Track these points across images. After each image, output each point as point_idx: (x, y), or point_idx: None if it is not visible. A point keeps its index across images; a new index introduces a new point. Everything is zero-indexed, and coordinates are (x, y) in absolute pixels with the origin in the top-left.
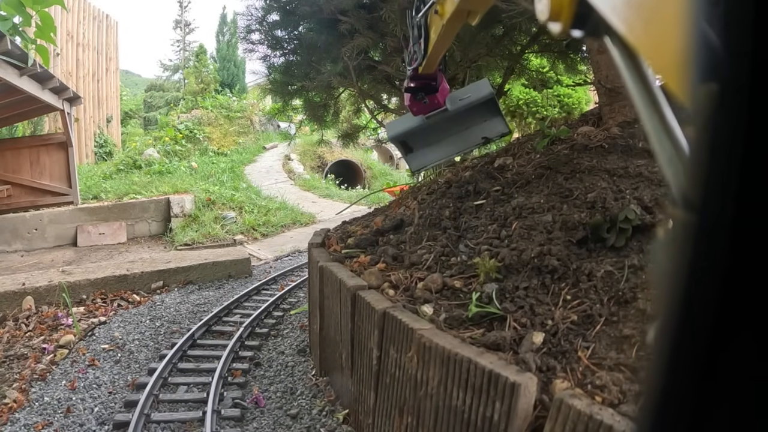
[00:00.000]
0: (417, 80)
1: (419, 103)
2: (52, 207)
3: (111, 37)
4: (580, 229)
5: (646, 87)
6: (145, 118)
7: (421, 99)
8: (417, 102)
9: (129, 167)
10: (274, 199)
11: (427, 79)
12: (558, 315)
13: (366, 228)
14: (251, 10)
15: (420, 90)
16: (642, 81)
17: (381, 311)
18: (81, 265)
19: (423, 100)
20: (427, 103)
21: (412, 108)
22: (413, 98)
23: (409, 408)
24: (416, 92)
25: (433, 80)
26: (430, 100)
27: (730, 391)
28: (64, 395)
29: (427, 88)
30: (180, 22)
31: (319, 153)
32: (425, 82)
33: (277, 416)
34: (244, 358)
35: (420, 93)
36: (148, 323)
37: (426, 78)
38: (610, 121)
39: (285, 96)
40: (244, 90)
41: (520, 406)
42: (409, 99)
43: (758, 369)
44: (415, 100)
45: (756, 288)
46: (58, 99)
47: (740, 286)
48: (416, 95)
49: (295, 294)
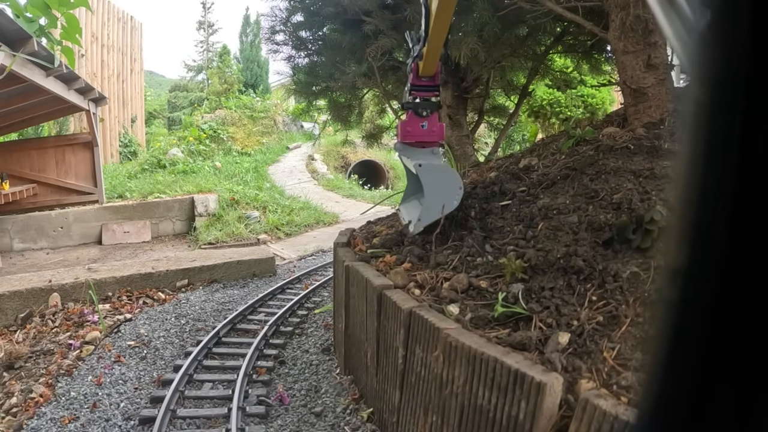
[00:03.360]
0: (417, 90)
1: (417, 125)
2: (78, 206)
3: (135, 38)
4: (606, 230)
5: None
6: (169, 119)
7: (426, 115)
8: (417, 119)
9: (153, 167)
10: (298, 199)
11: (428, 90)
12: (584, 315)
13: (391, 228)
14: (275, 11)
15: (420, 105)
16: None
17: (407, 310)
18: (106, 263)
19: (427, 115)
20: (426, 129)
21: (406, 128)
22: (414, 114)
23: (434, 407)
24: (418, 108)
25: (435, 90)
26: (429, 127)
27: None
28: (91, 390)
29: (429, 103)
30: (203, 23)
31: (342, 153)
32: (426, 93)
33: (302, 414)
34: (269, 356)
35: (424, 108)
36: (173, 321)
37: (427, 87)
38: (636, 122)
39: (309, 96)
40: (267, 90)
41: (546, 405)
42: (408, 117)
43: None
44: (416, 116)
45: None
46: (84, 99)
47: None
48: (418, 111)
49: (319, 293)
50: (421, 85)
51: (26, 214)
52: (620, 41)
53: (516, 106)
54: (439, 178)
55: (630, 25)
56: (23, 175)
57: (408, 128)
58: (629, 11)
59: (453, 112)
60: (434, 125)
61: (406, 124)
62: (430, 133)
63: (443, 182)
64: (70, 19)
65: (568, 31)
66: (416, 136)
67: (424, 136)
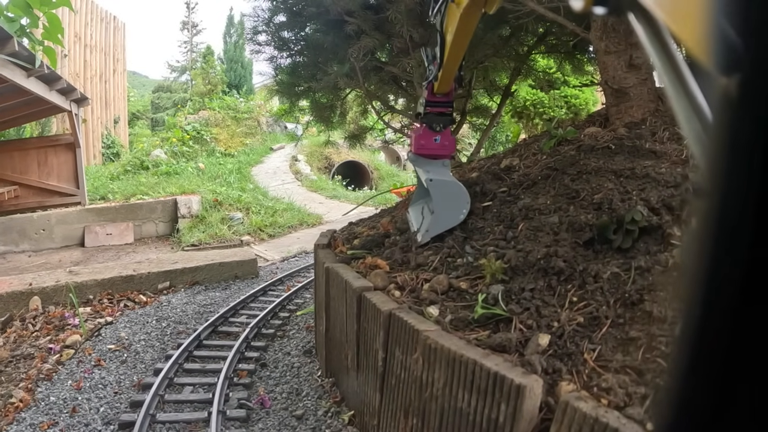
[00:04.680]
0: (432, 106)
1: (430, 138)
2: (60, 207)
3: (118, 39)
4: (587, 230)
5: (672, 65)
6: (152, 119)
7: (440, 130)
8: (430, 133)
9: (136, 168)
10: (281, 200)
11: (443, 105)
12: (564, 317)
13: (372, 229)
14: (258, 11)
15: (435, 120)
16: (668, 58)
17: (387, 312)
18: (88, 266)
19: (440, 129)
20: (438, 143)
21: (419, 141)
22: (428, 128)
23: (415, 409)
24: (432, 123)
25: (449, 106)
26: (442, 141)
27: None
28: (70, 395)
29: (442, 118)
30: (187, 24)
31: (326, 154)
32: (441, 109)
33: (283, 417)
34: (250, 358)
35: (438, 123)
36: (154, 323)
37: (442, 104)
38: (617, 122)
39: (292, 97)
40: (251, 91)
41: (526, 408)
42: (422, 131)
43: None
44: (429, 130)
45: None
46: (66, 100)
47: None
48: (432, 125)
49: (301, 295)
50: (435, 101)
51: (8, 217)
52: (602, 41)
53: (498, 107)
54: (448, 194)
55: (612, 26)
56: (4, 176)
57: (422, 141)
58: None
59: None
60: (446, 139)
61: (420, 138)
62: (442, 147)
63: (451, 198)
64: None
65: (550, 32)
66: (429, 149)
67: (437, 149)
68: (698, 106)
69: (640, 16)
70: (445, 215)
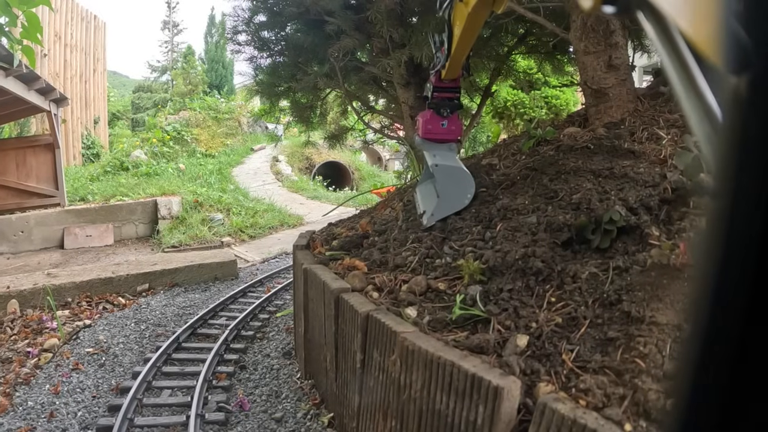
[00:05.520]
0: (439, 92)
1: (437, 123)
2: (39, 209)
3: (99, 38)
4: (565, 230)
5: (682, 63)
6: (132, 120)
7: (447, 115)
8: (438, 117)
9: (116, 169)
10: (262, 201)
11: (450, 91)
12: (542, 317)
13: (351, 230)
14: (238, 10)
15: (442, 105)
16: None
17: (364, 314)
18: (66, 268)
19: (448, 115)
20: (445, 127)
21: (427, 126)
22: (435, 113)
23: (393, 411)
24: (439, 107)
25: (456, 92)
26: (449, 126)
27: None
28: (48, 399)
29: (450, 103)
30: (168, 23)
31: (307, 154)
32: (448, 95)
33: (262, 420)
34: (230, 361)
35: (445, 109)
36: (133, 326)
37: (449, 89)
38: (596, 122)
39: (272, 97)
40: (232, 91)
41: (504, 410)
42: (429, 115)
43: None
44: (436, 115)
45: None
46: (45, 100)
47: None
48: (439, 111)
49: (281, 296)
50: (443, 87)
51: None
52: (581, 42)
53: (478, 107)
54: (453, 179)
55: (591, 26)
56: None
57: (429, 126)
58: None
59: (415, 112)
60: (453, 124)
61: (427, 122)
62: (449, 131)
63: (456, 183)
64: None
65: (530, 32)
66: (436, 133)
67: (444, 134)
68: (708, 106)
69: (650, 15)
70: (450, 199)
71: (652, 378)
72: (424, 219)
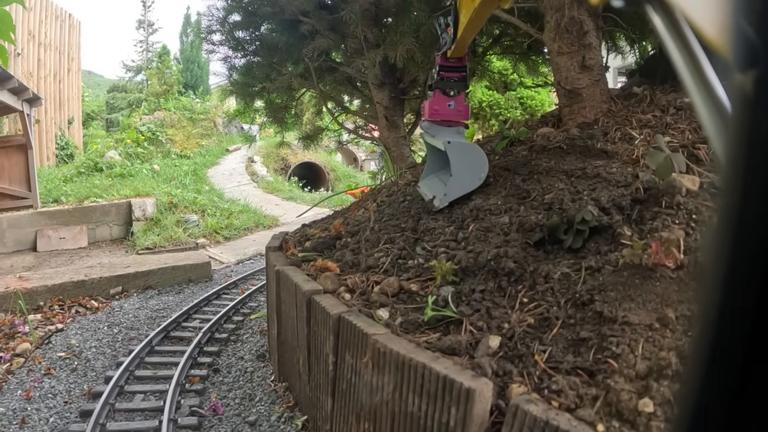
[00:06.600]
0: (446, 71)
1: (444, 104)
2: (11, 211)
3: (73, 37)
4: (537, 230)
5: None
6: (107, 120)
7: (454, 94)
8: (444, 98)
9: (90, 170)
10: (237, 202)
11: (456, 70)
12: (514, 318)
13: (324, 231)
14: (212, 10)
15: (448, 85)
16: (687, 51)
17: (336, 316)
18: (39, 271)
19: (454, 94)
20: (453, 108)
21: (433, 107)
22: (441, 93)
23: (366, 414)
24: (446, 87)
25: (463, 71)
26: (456, 107)
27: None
28: (20, 405)
29: (456, 83)
30: (143, 22)
31: (282, 155)
32: (455, 73)
33: (236, 423)
34: (203, 364)
35: (452, 88)
36: (105, 330)
37: (455, 68)
38: (570, 123)
39: (246, 97)
40: (207, 92)
41: (476, 411)
42: (435, 96)
43: None
44: (443, 95)
45: None
46: (17, 100)
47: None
48: (445, 90)
49: (255, 298)
50: (449, 66)
51: None
52: (555, 42)
53: None
54: (467, 156)
55: (565, 27)
56: None
57: (435, 107)
58: (564, 13)
59: (390, 113)
60: (460, 105)
61: (434, 103)
62: (456, 112)
63: (470, 160)
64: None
65: (505, 33)
66: (443, 114)
67: (451, 115)
68: (718, 100)
69: (658, 8)
70: (463, 178)
71: (625, 378)
72: (436, 201)
